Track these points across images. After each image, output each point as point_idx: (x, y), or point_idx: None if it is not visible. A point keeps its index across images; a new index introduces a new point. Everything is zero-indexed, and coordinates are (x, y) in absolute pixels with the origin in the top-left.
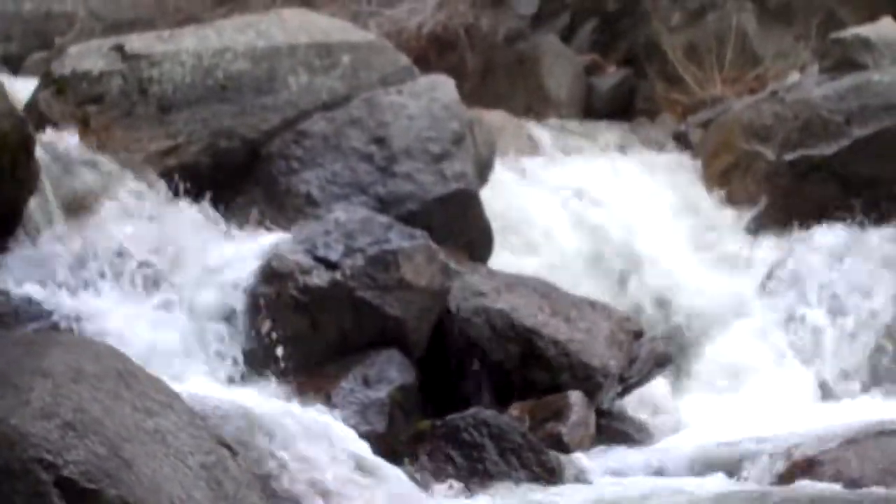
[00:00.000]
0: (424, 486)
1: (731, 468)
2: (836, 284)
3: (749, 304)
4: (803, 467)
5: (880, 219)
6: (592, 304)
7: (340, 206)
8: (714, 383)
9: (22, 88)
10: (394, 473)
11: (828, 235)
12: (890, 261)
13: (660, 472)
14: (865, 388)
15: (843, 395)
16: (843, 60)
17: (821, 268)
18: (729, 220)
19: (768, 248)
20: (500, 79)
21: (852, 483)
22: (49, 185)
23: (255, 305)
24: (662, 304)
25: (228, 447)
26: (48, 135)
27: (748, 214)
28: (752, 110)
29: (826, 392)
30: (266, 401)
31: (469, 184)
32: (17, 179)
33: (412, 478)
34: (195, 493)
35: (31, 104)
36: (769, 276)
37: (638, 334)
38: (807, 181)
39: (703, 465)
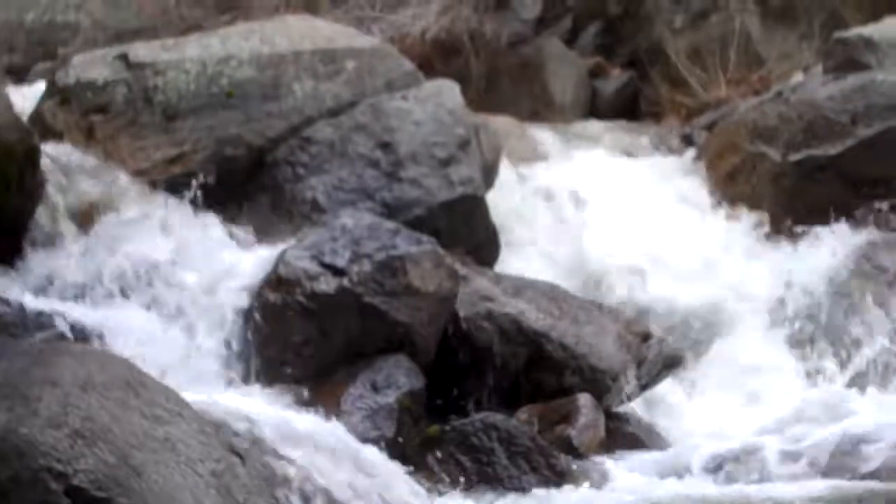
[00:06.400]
0: (434, 491)
1: (746, 469)
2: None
3: (754, 306)
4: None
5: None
6: (600, 307)
7: (347, 211)
8: (721, 384)
9: (27, 99)
10: (403, 479)
11: (831, 237)
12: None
13: (671, 475)
14: (860, 388)
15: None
16: (846, 61)
17: (821, 269)
18: (734, 222)
19: (772, 249)
20: (504, 83)
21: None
22: (55, 196)
23: (263, 312)
24: (665, 306)
25: (238, 454)
26: (53, 145)
27: (753, 216)
28: (757, 111)
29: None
30: (274, 408)
31: (475, 188)
32: (24, 190)
33: (421, 483)
34: (205, 501)
35: (36, 114)
36: (773, 276)
37: (646, 336)
38: (813, 182)
39: (717, 467)
